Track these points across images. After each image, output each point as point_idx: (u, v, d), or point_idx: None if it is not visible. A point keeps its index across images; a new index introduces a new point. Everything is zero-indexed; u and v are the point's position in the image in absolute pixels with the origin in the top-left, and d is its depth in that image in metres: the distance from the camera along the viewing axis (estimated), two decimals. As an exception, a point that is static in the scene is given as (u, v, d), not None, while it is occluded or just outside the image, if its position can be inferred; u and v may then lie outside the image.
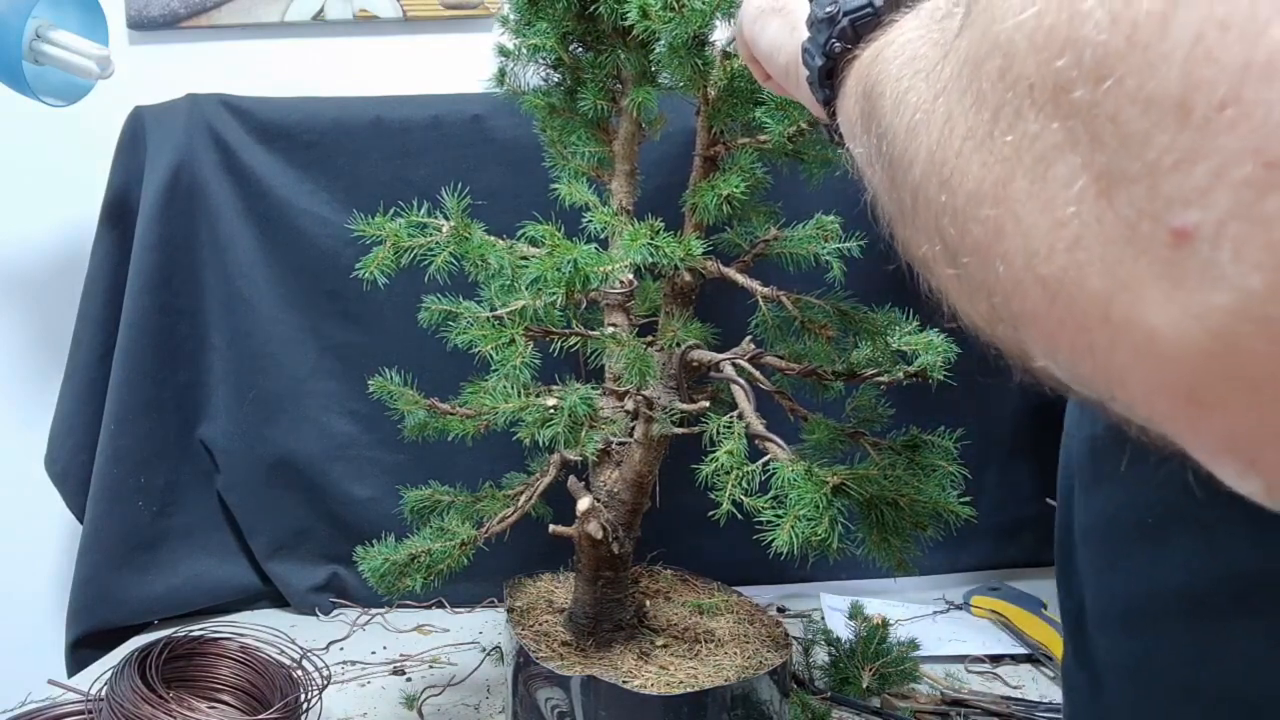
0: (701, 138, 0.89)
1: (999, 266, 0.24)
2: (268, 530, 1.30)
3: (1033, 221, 0.23)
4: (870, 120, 0.33)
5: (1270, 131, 0.18)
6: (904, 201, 0.30)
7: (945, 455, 0.83)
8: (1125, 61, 0.20)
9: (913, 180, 0.28)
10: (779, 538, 0.67)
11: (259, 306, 1.28)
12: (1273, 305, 0.18)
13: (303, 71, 1.34)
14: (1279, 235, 0.18)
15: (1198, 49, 0.19)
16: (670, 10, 0.75)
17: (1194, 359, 0.20)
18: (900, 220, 0.31)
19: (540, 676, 0.89)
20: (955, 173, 0.26)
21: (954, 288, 0.28)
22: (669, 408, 0.88)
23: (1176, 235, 0.19)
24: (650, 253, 0.78)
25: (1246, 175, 0.18)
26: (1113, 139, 0.21)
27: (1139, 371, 0.22)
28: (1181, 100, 0.19)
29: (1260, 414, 0.20)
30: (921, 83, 0.29)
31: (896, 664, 1.03)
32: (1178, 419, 0.22)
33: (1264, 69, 0.18)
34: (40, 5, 1.09)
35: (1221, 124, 0.19)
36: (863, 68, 0.36)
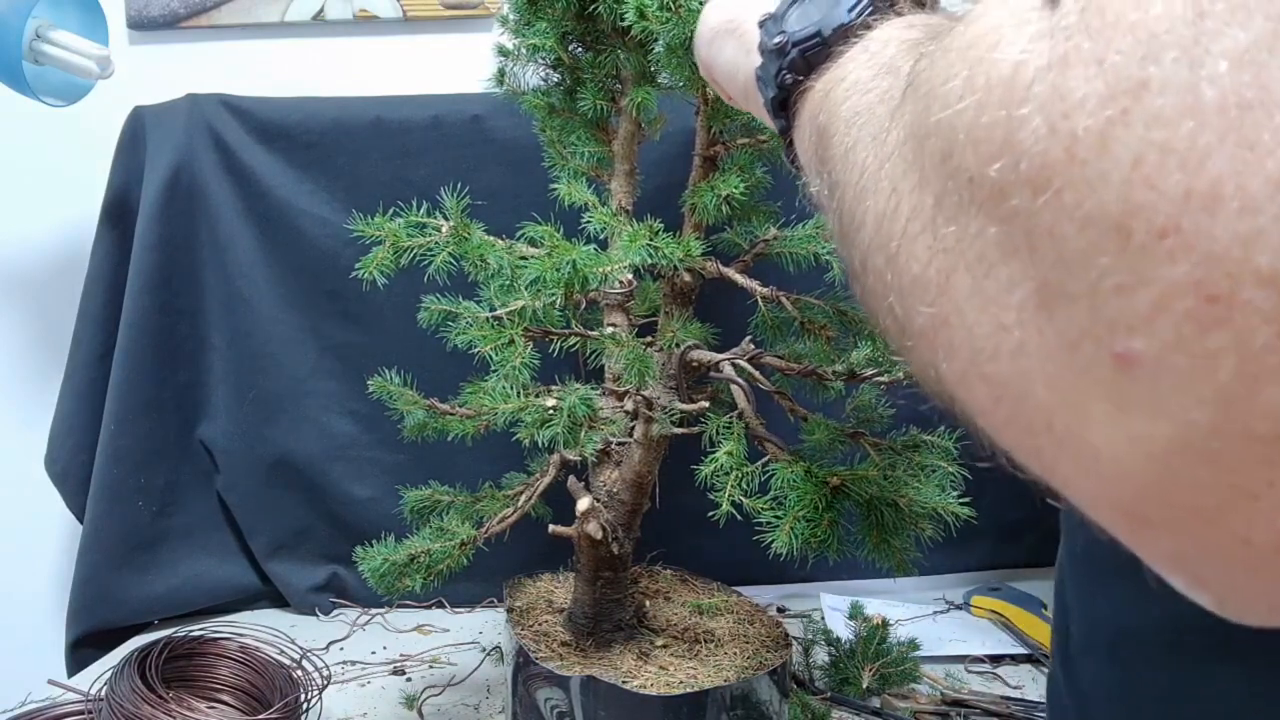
0: (701, 138, 0.89)
1: (942, 360, 0.24)
2: (268, 530, 1.30)
3: (975, 320, 0.22)
4: (823, 164, 0.32)
5: (1212, 265, 0.17)
6: (854, 262, 0.29)
7: (945, 455, 0.83)
8: (1063, 175, 0.19)
9: (863, 243, 0.27)
10: (778, 538, 0.67)
11: (259, 306, 1.28)
12: (1215, 440, 0.18)
13: (303, 71, 1.34)
14: (1221, 372, 0.18)
15: (1137, 172, 0.18)
16: (667, 11, 0.75)
17: (1136, 482, 0.20)
18: (853, 277, 0.30)
19: (540, 676, 0.89)
20: (901, 251, 0.25)
21: (906, 359, 0.27)
22: (669, 408, 0.88)
23: (1119, 360, 0.19)
24: (649, 253, 0.78)
25: (1189, 308, 0.18)
26: (1051, 253, 0.20)
27: (1083, 484, 0.21)
28: (1121, 223, 0.18)
29: (1203, 538, 0.19)
30: (869, 142, 0.28)
31: (896, 664, 1.03)
32: (1123, 532, 0.21)
33: (1205, 200, 0.17)
34: (40, 5, 1.09)
35: (1162, 253, 0.18)
36: (815, 103, 0.34)
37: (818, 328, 0.86)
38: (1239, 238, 0.17)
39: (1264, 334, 0.17)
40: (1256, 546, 0.19)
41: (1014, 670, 1.12)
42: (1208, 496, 0.19)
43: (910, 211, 0.24)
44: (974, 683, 1.08)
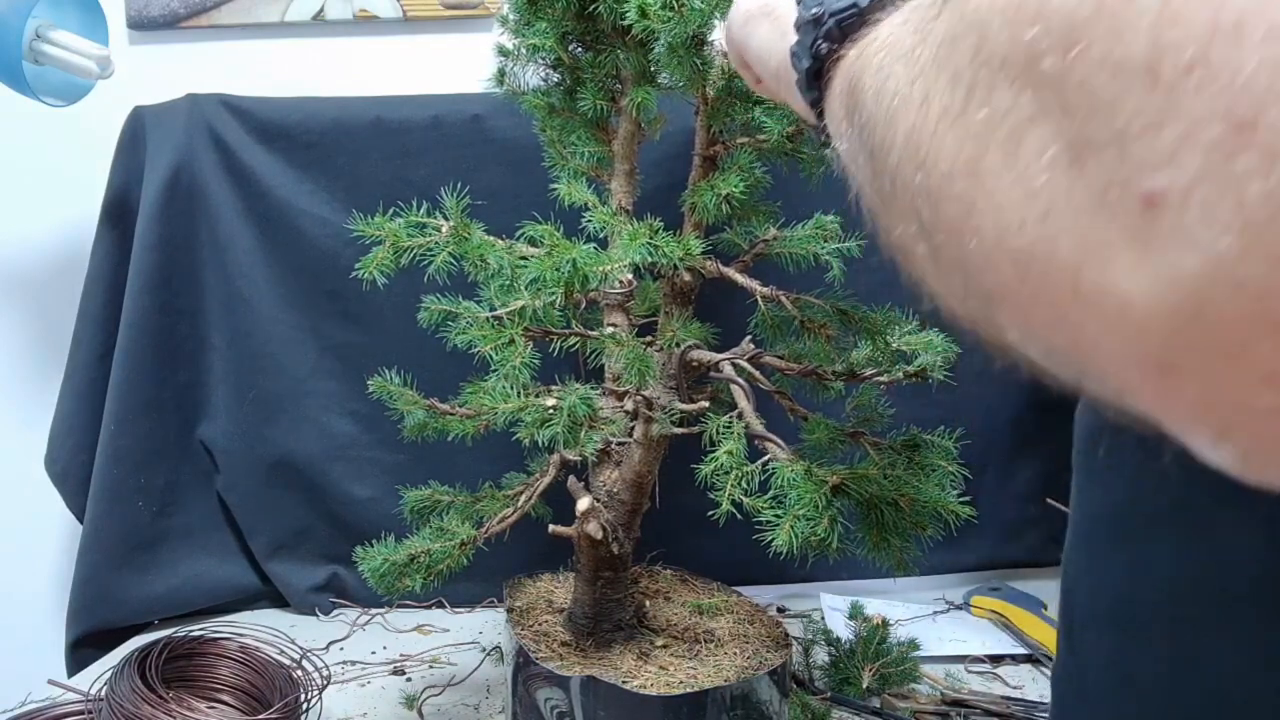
0: (700, 137, 0.89)
1: (971, 243, 0.25)
2: (268, 530, 1.30)
3: (1004, 196, 0.23)
4: (853, 114, 0.33)
5: (1238, 92, 0.18)
6: (884, 188, 0.30)
7: (945, 455, 0.83)
8: (1093, 27, 0.20)
9: (891, 165, 0.29)
10: (779, 538, 0.67)
11: (259, 306, 1.28)
12: (1243, 268, 0.18)
13: (303, 71, 1.34)
14: (1248, 197, 0.18)
15: (1164, 12, 0.19)
16: (669, 10, 0.75)
17: (1164, 325, 0.20)
18: (881, 208, 0.31)
19: (540, 676, 0.89)
20: (930, 153, 0.26)
21: (929, 269, 0.28)
22: (668, 408, 0.88)
23: (1146, 200, 0.20)
24: (649, 252, 0.78)
25: (1215, 137, 0.18)
26: (1083, 106, 0.21)
27: (1110, 342, 0.22)
28: (1149, 64, 0.19)
29: (1231, 380, 0.20)
30: (900, 68, 0.29)
31: (896, 664, 1.03)
32: (1149, 390, 0.22)
33: (1231, 30, 0.18)
34: (40, 5, 1.09)
35: (1189, 86, 0.19)
36: (847, 65, 0.36)
37: (818, 327, 0.86)
38: (1265, 63, 0.18)
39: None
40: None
41: (1014, 670, 1.12)
42: (1234, 329, 0.19)
43: (940, 113, 0.25)
44: (974, 683, 1.08)
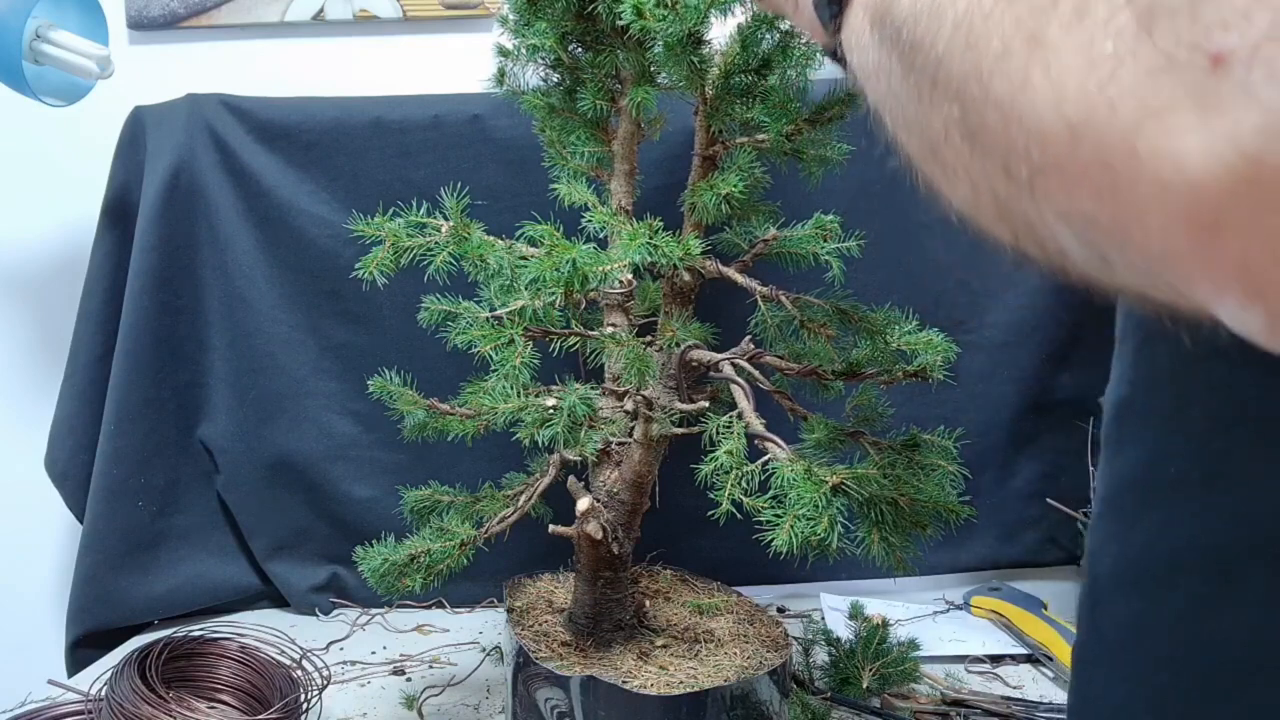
0: (700, 137, 0.89)
1: (1024, 116, 0.25)
2: (268, 530, 1.31)
3: (1064, 64, 0.24)
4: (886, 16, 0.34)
5: None
6: (921, 83, 0.31)
7: (945, 455, 0.83)
8: None
9: (936, 55, 0.29)
10: (778, 537, 0.67)
11: (259, 306, 1.28)
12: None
13: (303, 71, 1.34)
14: None
15: None
16: (664, 8, 0.75)
17: (1218, 182, 0.21)
18: (913, 103, 0.32)
19: (540, 676, 0.89)
20: (984, 34, 0.26)
21: (964, 159, 0.29)
22: (668, 408, 0.88)
23: (1214, 60, 0.20)
24: (649, 252, 0.78)
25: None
26: None
27: (1160, 204, 0.22)
28: None
29: (1276, 237, 0.21)
30: None
31: (896, 664, 1.03)
32: (1191, 251, 0.22)
33: None
34: (40, 5, 1.09)
35: None
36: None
37: (817, 327, 0.86)
38: None
39: None
40: None
41: (1014, 670, 1.12)
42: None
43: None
44: (974, 683, 1.08)
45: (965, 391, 1.24)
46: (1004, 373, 1.30)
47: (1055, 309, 1.28)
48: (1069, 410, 1.29)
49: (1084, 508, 1.24)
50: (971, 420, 1.26)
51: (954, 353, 0.85)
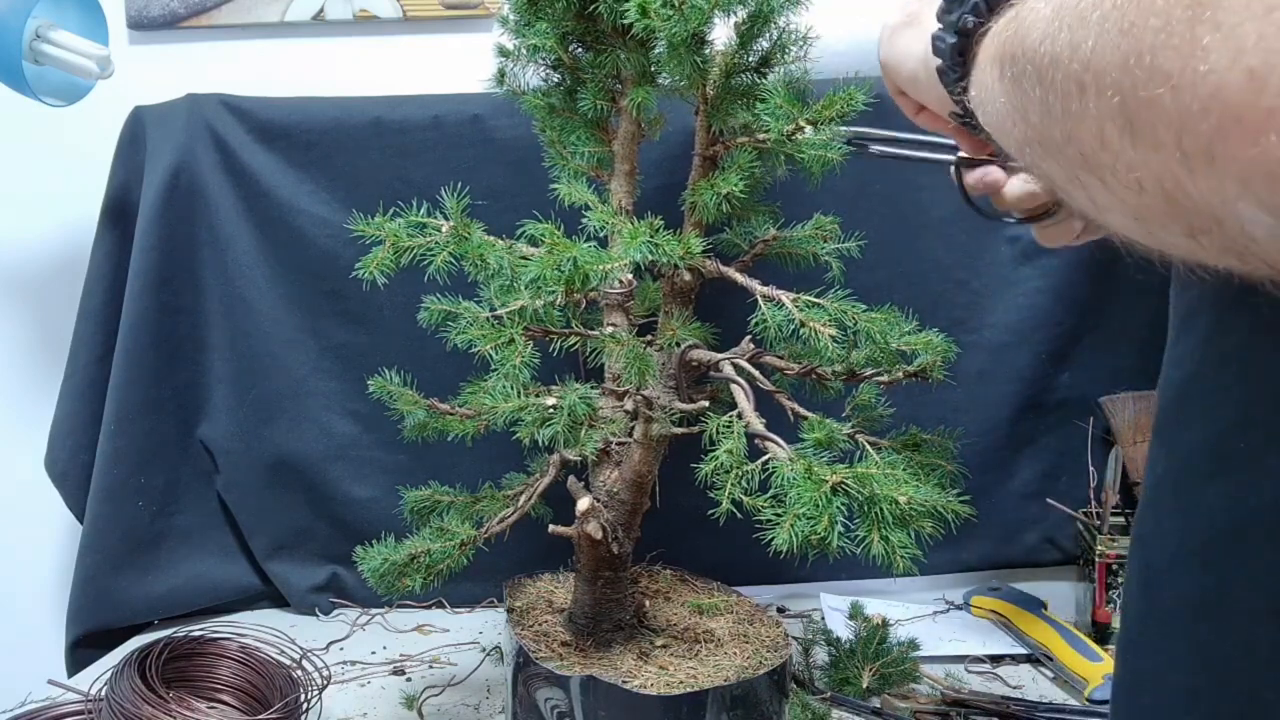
0: (701, 137, 0.89)
1: (1198, 78, 0.26)
2: (268, 530, 1.30)
3: (1237, 19, 0.25)
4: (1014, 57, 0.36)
5: None
6: (1066, 94, 0.32)
7: (945, 455, 0.83)
8: None
9: (1082, 59, 0.30)
10: (779, 537, 0.67)
11: (259, 306, 1.28)
12: None
13: (303, 71, 1.34)
14: None
15: None
16: (669, 8, 0.75)
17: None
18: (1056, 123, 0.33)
19: (540, 676, 0.89)
20: (1139, 16, 0.28)
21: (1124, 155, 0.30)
22: (668, 407, 0.88)
23: None
24: (650, 251, 0.78)
25: None
26: None
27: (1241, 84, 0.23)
28: None
29: None
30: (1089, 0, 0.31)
31: (896, 664, 1.03)
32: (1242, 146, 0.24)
33: None
34: (40, 5, 1.09)
35: None
36: (998, 32, 0.39)
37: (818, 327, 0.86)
38: None
39: None
40: None
41: (1014, 670, 1.12)
42: None
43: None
44: (974, 683, 1.08)
45: (965, 391, 1.24)
46: (1004, 373, 1.30)
47: (1055, 309, 1.28)
48: (1069, 410, 1.29)
49: (1084, 508, 1.25)
50: (971, 420, 1.26)
51: (954, 353, 0.86)
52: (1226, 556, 0.42)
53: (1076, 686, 1.06)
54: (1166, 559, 0.46)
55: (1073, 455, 1.28)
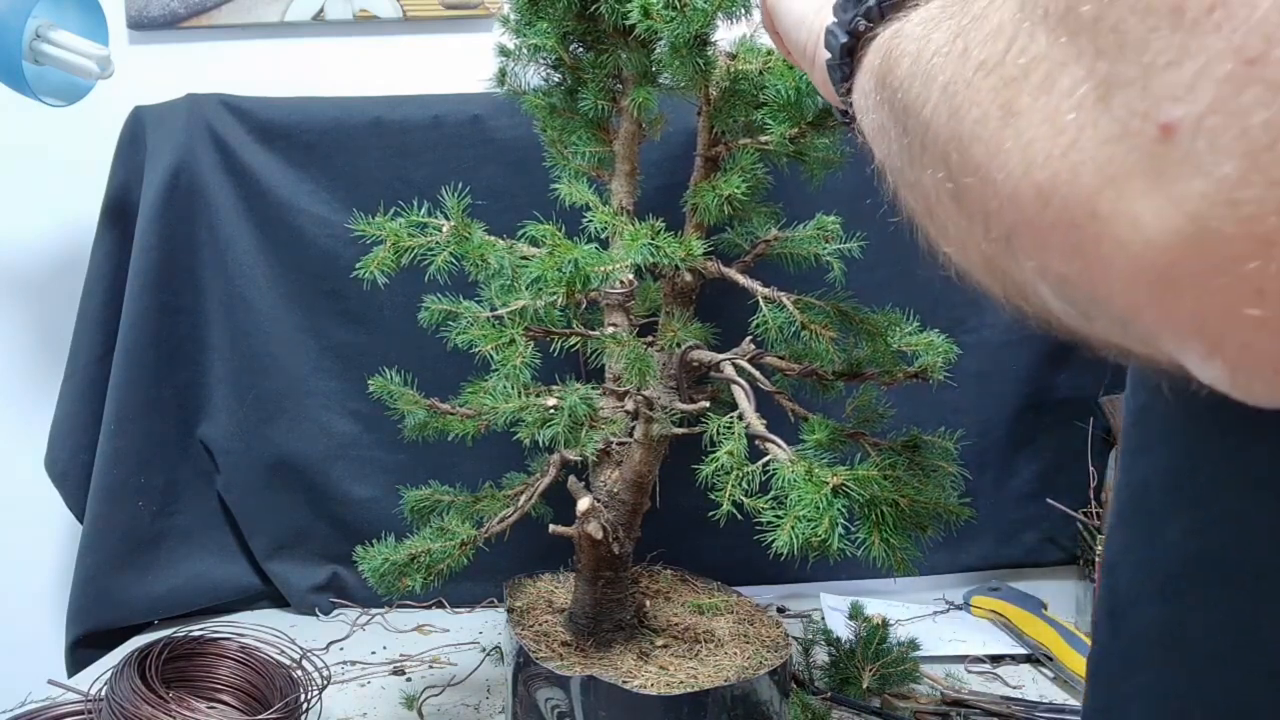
0: (703, 138, 0.89)
1: (999, 178, 0.27)
2: (268, 530, 1.30)
3: (1033, 133, 0.25)
4: (886, 79, 0.36)
5: (1250, 31, 0.20)
6: (912, 145, 0.33)
7: (946, 455, 0.83)
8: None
9: (924, 119, 0.31)
10: (779, 538, 0.67)
11: (259, 306, 1.28)
12: (1241, 190, 0.21)
13: (303, 71, 1.34)
14: (1251, 126, 0.20)
15: None
16: (672, 9, 0.75)
17: (1171, 243, 0.22)
18: (907, 166, 0.34)
19: (540, 676, 0.89)
20: (965, 100, 0.28)
21: (952, 218, 0.31)
22: (669, 408, 0.88)
23: (1164, 130, 0.22)
24: (651, 252, 0.78)
25: (1227, 71, 0.20)
26: (1114, 47, 0.23)
27: (1120, 263, 0.24)
28: (1176, 5, 0.21)
29: (1224, 295, 0.22)
30: (943, 28, 0.31)
31: (896, 664, 1.03)
32: (1152, 307, 0.24)
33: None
34: (40, 5, 1.09)
35: (1209, 25, 0.21)
36: (882, 41, 0.38)
37: (819, 328, 0.86)
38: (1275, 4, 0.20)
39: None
40: (1268, 295, 0.21)
41: (1014, 670, 1.12)
42: (1230, 245, 0.21)
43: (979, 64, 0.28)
44: (974, 683, 1.08)
45: (965, 392, 1.24)
46: (1004, 373, 1.30)
47: (1055, 309, 1.28)
48: (1069, 410, 1.29)
49: (1084, 508, 1.25)
50: (971, 420, 1.26)
51: (954, 353, 0.86)
52: (1185, 594, 0.42)
53: (1076, 686, 1.06)
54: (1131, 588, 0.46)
55: (1072, 455, 1.29)
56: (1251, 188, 0.20)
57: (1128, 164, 0.23)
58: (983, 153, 0.28)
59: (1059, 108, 0.25)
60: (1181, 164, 0.21)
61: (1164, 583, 0.43)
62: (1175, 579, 0.42)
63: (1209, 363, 0.24)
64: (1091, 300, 0.26)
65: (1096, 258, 0.25)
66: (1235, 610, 0.40)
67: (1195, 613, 0.41)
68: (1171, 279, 0.23)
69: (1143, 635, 0.44)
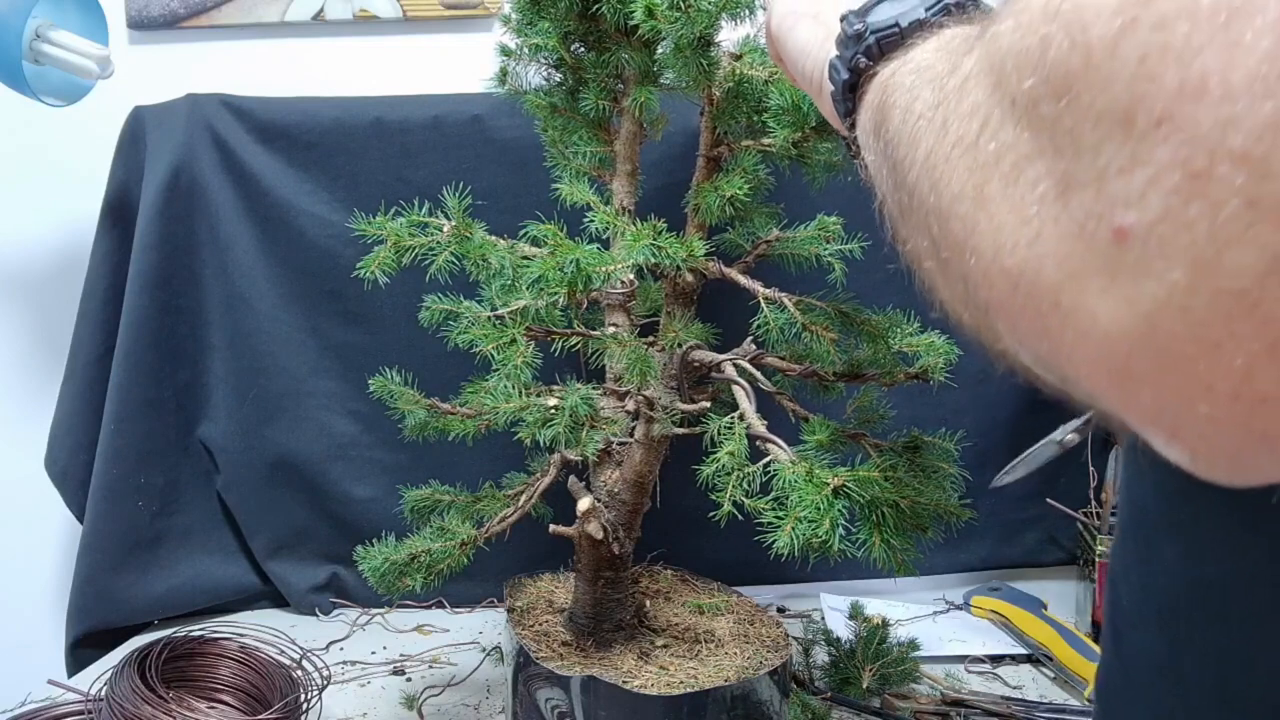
0: (705, 138, 0.89)
1: (971, 260, 0.28)
2: (268, 530, 1.30)
3: (1002, 220, 0.26)
4: (881, 128, 0.37)
5: (1196, 146, 0.21)
6: (903, 201, 0.33)
7: (946, 456, 0.83)
8: (1081, 80, 0.23)
9: (910, 180, 0.32)
10: (780, 539, 0.67)
11: (259, 306, 1.28)
12: (1190, 297, 0.21)
13: (303, 71, 1.33)
14: (1198, 237, 0.21)
15: (1141, 69, 0.22)
16: (676, 10, 0.75)
17: (1126, 341, 0.23)
18: (900, 219, 0.35)
19: (540, 676, 0.89)
20: (944, 175, 0.29)
21: (938, 280, 0.32)
22: (670, 408, 0.88)
23: (1117, 234, 0.23)
24: (653, 253, 0.78)
25: (1175, 183, 0.21)
26: (1070, 148, 0.24)
27: (1082, 351, 0.25)
28: (1126, 115, 0.22)
29: (1177, 390, 0.23)
30: (928, 92, 0.32)
31: (896, 664, 1.03)
32: (1113, 394, 0.25)
33: (1194, 90, 0.21)
34: (40, 5, 1.09)
35: (1157, 137, 0.21)
36: (881, 81, 0.39)
37: (820, 329, 0.86)
38: (1219, 122, 0.20)
39: (1233, 204, 0.20)
40: (1218, 392, 0.22)
41: (1014, 670, 1.12)
42: (1181, 346, 0.22)
43: (956, 139, 0.29)
44: (974, 683, 1.08)
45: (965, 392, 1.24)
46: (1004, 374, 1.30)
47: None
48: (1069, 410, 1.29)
49: (1084, 508, 1.25)
50: (971, 420, 1.26)
51: (955, 354, 0.86)
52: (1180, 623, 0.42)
53: (1076, 686, 1.06)
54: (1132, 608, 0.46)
55: (1072, 455, 1.28)
56: (1199, 295, 0.21)
57: (1086, 261, 0.24)
58: (960, 230, 0.28)
59: (1024, 199, 0.25)
60: (1134, 268, 0.22)
61: (1161, 610, 0.44)
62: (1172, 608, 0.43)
63: (1170, 446, 0.25)
64: (1062, 378, 0.27)
65: (1062, 344, 0.26)
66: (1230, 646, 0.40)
67: (1192, 645, 0.42)
68: (1129, 372, 0.24)
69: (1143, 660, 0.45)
